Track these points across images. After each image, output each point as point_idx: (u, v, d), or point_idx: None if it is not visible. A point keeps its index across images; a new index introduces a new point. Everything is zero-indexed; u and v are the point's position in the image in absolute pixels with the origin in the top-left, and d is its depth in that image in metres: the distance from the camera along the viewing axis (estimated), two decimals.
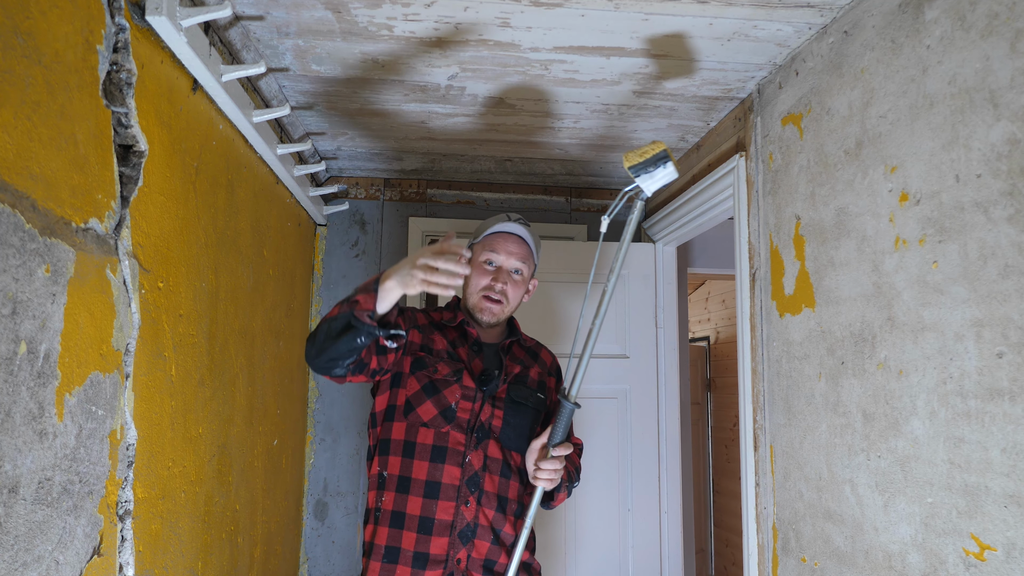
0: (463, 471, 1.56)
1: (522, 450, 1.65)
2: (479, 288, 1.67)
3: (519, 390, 1.66)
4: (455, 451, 1.56)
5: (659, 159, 1.46)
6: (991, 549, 1.11)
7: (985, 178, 1.14)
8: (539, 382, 1.73)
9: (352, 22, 1.64)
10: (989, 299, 1.12)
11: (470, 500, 1.55)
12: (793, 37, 1.68)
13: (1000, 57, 1.12)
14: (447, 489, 1.54)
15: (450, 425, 1.57)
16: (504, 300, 1.67)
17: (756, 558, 1.88)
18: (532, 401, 1.67)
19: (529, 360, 1.75)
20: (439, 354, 1.63)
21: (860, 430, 1.44)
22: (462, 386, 1.60)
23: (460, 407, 1.59)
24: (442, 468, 1.55)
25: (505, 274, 1.67)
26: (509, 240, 1.69)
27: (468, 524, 1.55)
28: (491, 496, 1.58)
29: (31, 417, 0.99)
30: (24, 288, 0.97)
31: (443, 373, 1.60)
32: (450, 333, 1.68)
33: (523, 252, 1.69)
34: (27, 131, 0.99)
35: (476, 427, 1.59)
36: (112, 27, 1.22)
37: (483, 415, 1.60)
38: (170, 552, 1.46)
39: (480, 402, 1.60)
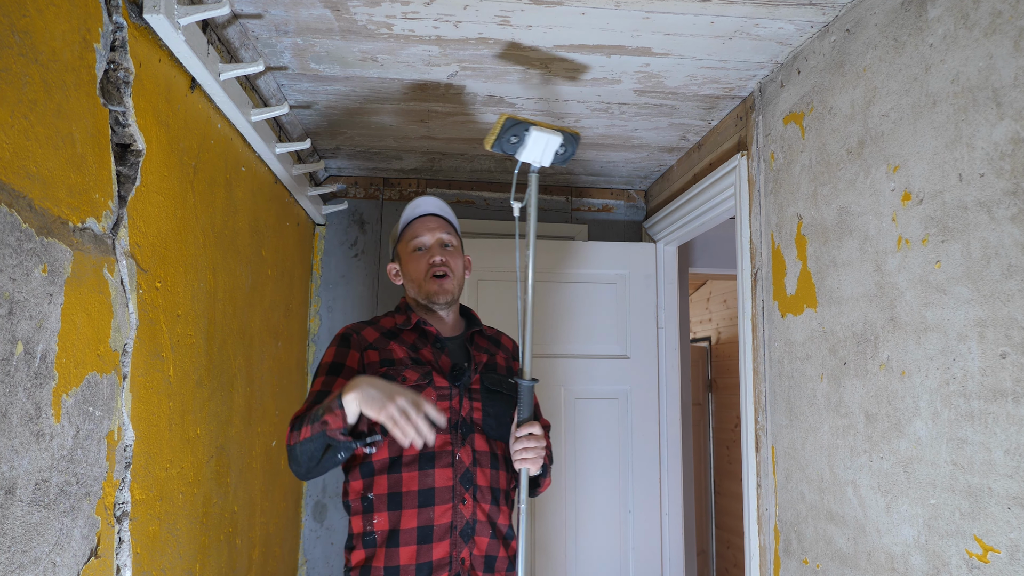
0: (455, 470, 1.54)
1: (506, 438, 1.64)
2: (421, 273, 1.66)
3: (492, 378, 1.65)
4: (443, 452, 1.54)
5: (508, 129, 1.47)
6: (994, 551, 1.10)
7: (988, 177, 1.13)
8: (507, 368, 1.72)
9: (351, 20, 1.63)
10: (992, 299, 1.12)
11: (466, 497, 1.54)
12: (795, 35, 1.67)
13: (1003, 55, 1.11)
14: (442, 492, 1.53)
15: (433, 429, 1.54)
16: (449, 272, 1.66)
17: (758, 560, 1.88)
18: (506, 387, 1.66)
19: (493, 348, 1.74)
20: (402, 363, 1.59)
21: (862, 431, 1.43)
22: (435, 387, 1.58)
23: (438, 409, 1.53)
24: (433, 473, 1.53)
25: (437, 248, 1.67)
26: (426, 220, 1.70)
27: (468, 521, 1.54)
28: (485, 490, 1.57)
29: (28, 418, 0.98)
30: (21, 288, 0.96)
31: (412, 379, 1.56)
32: (408, 337, 1.65)
33: (443, 224, 1.70)
34: (24, 130, 0.98)
35: (459, 424, 1.57)
36: (110, 25, 1.21)
37: (463, 410, 1.59)
38: (168, 554, 1.45)
39: (457, 398, 1.59)
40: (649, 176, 2.91)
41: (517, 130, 1.47)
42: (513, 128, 1.47)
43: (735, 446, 4.98)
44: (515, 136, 1.48)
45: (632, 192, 3.09)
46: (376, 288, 2.88)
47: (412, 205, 1.71)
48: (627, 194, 3.09)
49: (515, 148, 1.50)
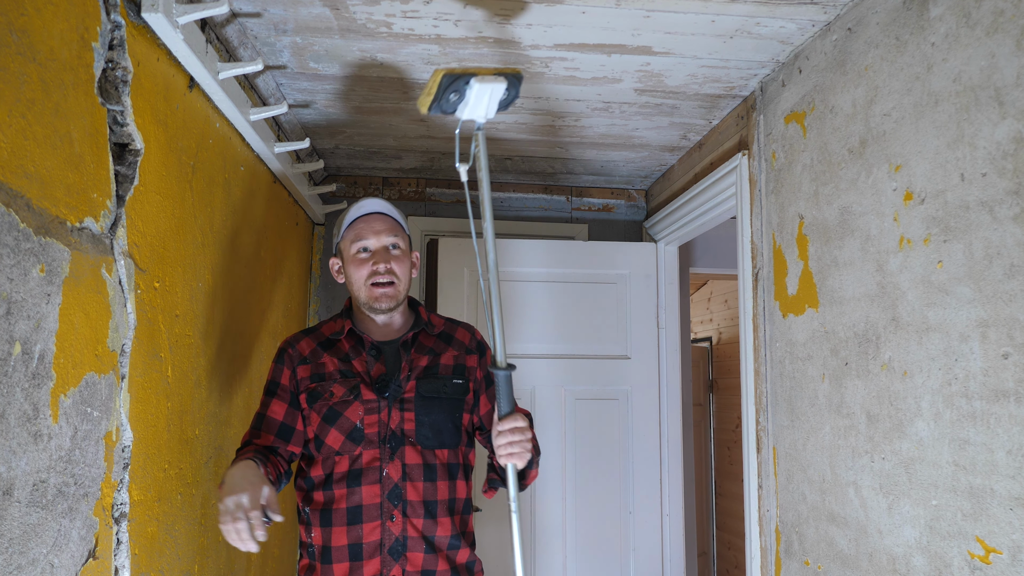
0: (382, 486, 1.49)
1: (448, 444, 1.56)
2: (363, 279, 1.57)
3: (429, 384, 1.57)
4: (371, 469, 1.50)
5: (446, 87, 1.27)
6: (996, 552, 1.09)
7: (990, 177, 1.13)
8: (455, 366, 1.62)
9: (350, 19, 1.63)
10: (995, 299, 1.11)
11: (395, 514, 1.49)
12: (796, 34, 1.67)
13: (1006, 54, 1.11)
14: (369, 509, 1.48)
15: (361, 445, 1.50)
16: (395, 279, 1.57)
17: (759, 561, 1.87)
18: (447, 391, 1.57)
19: (441, 346, 1.64)
20: (331, 377, 1.55)
21: (864, 432, 1.42)
22: (362, 401, 1.52)
23: (366, 423, 1.51)
24: (360, 491, 1.49)
25: (383, 253, 1.57)
26: (372, 220, 1.59)
27: (397, 539, 1.49)
28: (416, 505, 1.51)
29: (26, 418, 0.98)
30: (19, 288, 0.96)
31: (339, 395, 1.52)
32: (344, 346, 1.59)
33: (390, 226, 1.60)
34: (22, 129, 0.98)
35: (388, 437, 1.52)
36: (108, 24, 1.20)
37: (392, 423, 1.52)
38: (166, 555, 1.44)
39: (387, 410, 1.52)
40: (650, 176, 2.90)
41: (457, 85, 1.27)
42: (452, 84, 1.27)
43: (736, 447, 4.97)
44: (455, 93, 1.28)
45: (633, 192, 3.09)
46: None
47: (357, 205, 1.62)
48: (628, 194, 3.08)
49: (455, 106, 1.30)
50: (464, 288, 2.76)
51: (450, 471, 1.57)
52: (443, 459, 1.56)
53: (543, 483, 2.68)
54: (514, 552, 1.46)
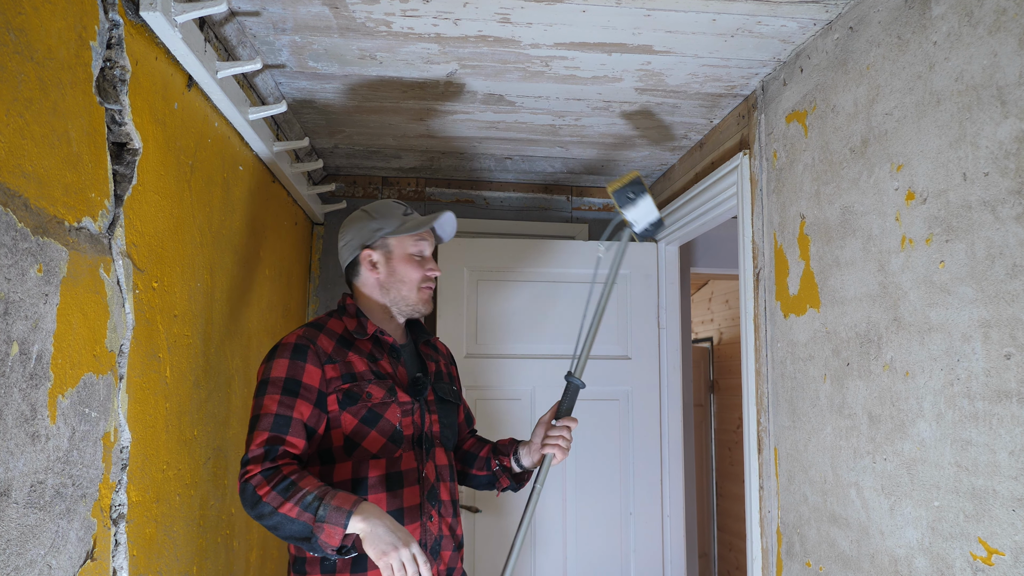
0: (421, 487, 1.49)
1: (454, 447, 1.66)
2: (417, 281, 1.56)
3: (442, 388, 1.62)
4: (410, 471, 1.49)
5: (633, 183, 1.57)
6: (999, 554, 1.09)
7: (993, 176, 1.12)
8: (447, 374, 1.69)
9: (350, 18, 1.62)
10: (997, 299, 1.10)
11: (433, 514, 1.49)
12: (798, 33, 1.66)
13: (1008, 54, 1.10)
14: (410, 512, 1.46)
15: (401, 447, 1.48)
16: None
17: (760, 562, 1.87)
18: (454, 395, 1.64)
19: (436, 354, 1.70)
20: (363, 376, 1.48)
21: (866, 432, 1.42)
22: (399, 403, 1.50)
23: (403, 425, 1.50)
24: (401, 493, 1.47)
25: (432, 262, 1.62)
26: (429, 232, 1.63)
27: (436, 538, 1.49)
28: (447, 504, 1.54)
29: (23, 419, 0.97)
30: (16, 288, 0.95)
31: (378, 396, 1.47)
32: (364, 346, 1.54)
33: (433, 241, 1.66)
34: (19, 128, 0.97)
35: (422, 439, 1.52)
36: (106, 23, 1.20)
37: (425, 425, 1.54)
38: (164, 556, 1.44)
39: (419, 412, 1.53)
40: (650, 175, 2.90)
41: (637, 189, 1.56)
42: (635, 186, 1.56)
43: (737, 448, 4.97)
44: (633, 194, 1.56)
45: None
46: None
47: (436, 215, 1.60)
48: None
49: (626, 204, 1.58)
50: (464, 287, 2.75)
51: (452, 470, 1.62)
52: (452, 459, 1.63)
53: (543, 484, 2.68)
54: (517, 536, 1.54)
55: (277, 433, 1.37)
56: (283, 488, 1.29)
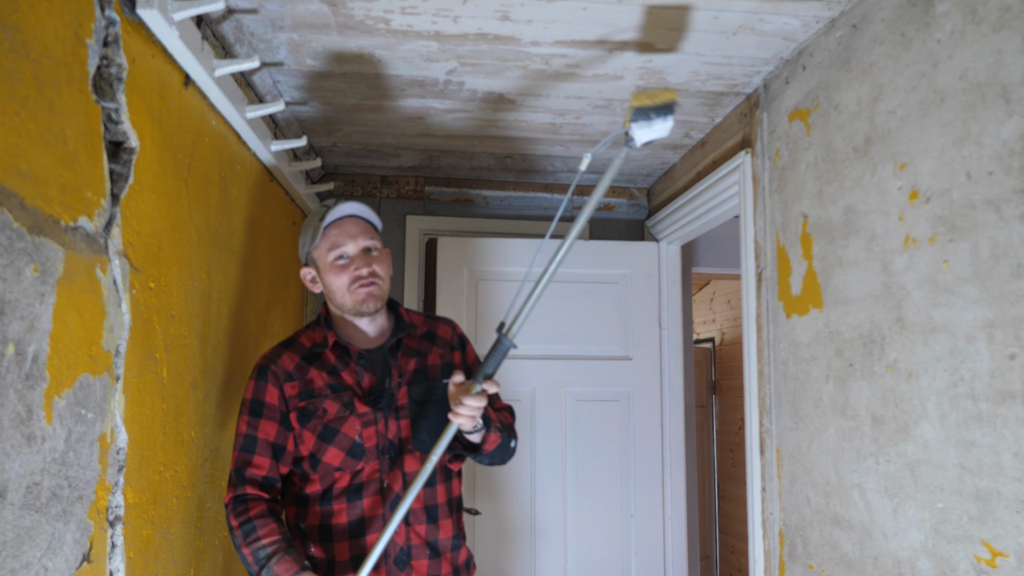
0: (384, 497, 1.48)
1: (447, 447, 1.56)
2: (346, 285, 1.52)
3: (419, 388, 1.54)
4: (372, 481, 1.48)
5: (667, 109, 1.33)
6: (1003, 556, 1.08)
7: (997, 175, 1.11)
8: (443, 365, 1.59)
9: (348, 16, 1.61)
10: (1001, 299, 1.10)
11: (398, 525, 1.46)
12: (800, 31, 1.65)
13: (1012, 51, 1.09)
14: (371, 522, 1.46)
15: (362, 460, 1.48)
16: (378, 279, 1.53)
17: (762, 565, 1.86)
18: (438, 392, 1.54)
19: (426, 346, 1.61)
20: (321, 392, 1.50)
21: (869, 434, 1.41)
22: (358, 415, 1.49)
23: (364, 437, 1.49)
24: (361, 504, 1.47)
25: (362, 257, 1.53)
26: (345, 224, 1.55)
27: (401, 549, 1.47)
28: (419, 512, 1.49)
29: (19, 420, 0.96)
30: (11, 288, 0.94)
31: (333, 412, 1.49)
32: (330, 357, 1.54)
33: (364, 228, 1.56)
34: (15, 127, 0.96)
35: (386, 448, 1.49)
36: (102, 21, 1.19)
37: (390, 433, 1.50)
38: (162, 559, 1.43)
39: (383, 421, 1.50)
40: (651, 174, 2.89)
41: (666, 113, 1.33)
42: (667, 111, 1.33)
43: (739, 449, 4.96)
44: (656, 114, 1.33)
45: (634, 190, 3.07)
46: None
47: (330, 211, 1.55)
48: (629, 192, 3.07)
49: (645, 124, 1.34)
50: (463, 288, 2.74)
51: (446, 472, 1.56)
52: (441, 461, 1.53)
53: (543, 484, 2.67)
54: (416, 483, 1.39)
55: (245, 454, 1.49)
56: (245, 531, 1.42)
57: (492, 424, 1.48)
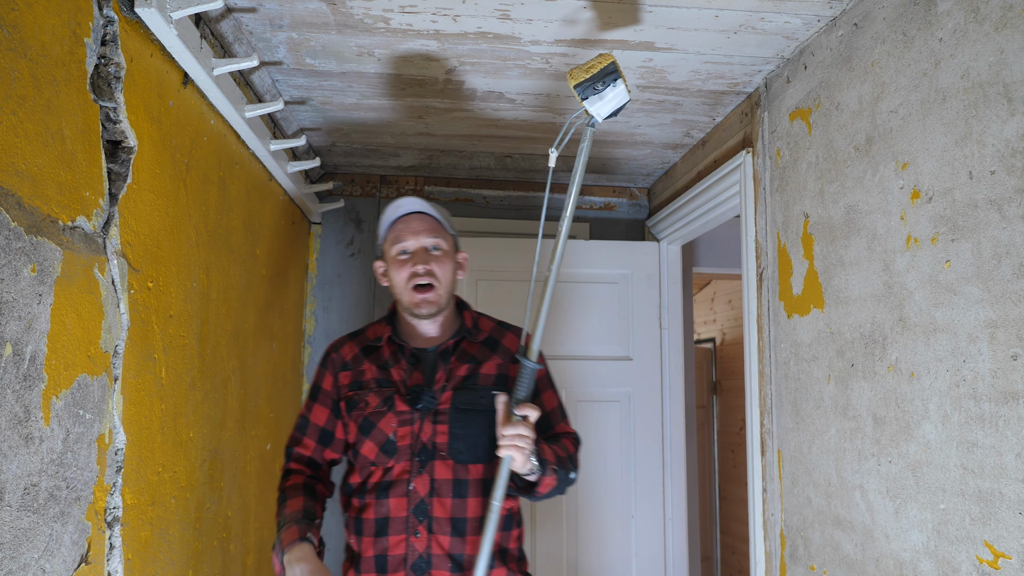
0: (408, 500, 1.46)
1: (484, 459, 1.50)
2: (404, 281, 1.52)
3: (466, 395, 1.51)
4: (399, 481, 1.47)
5: (607, 74, 1.28)
6: (1005, 557, 1.07)
7: (999, 175, 1.11)
8: (498, 376, 1.55)
9: (347, 14, 1.61)
10: (1003, 299, 1.09)
11: (419, 530, 1.45)
12: (801, 30, 1.65)
13: (1015, 50, 1.09)
14: (395, 523, 1.46)
15: (394, 458, 1.48)
16: (435, 281, 1.52)
17: (763, 566, 1.85)
18: (484, 403, 1.50)
19: (485, 354, 1.58)
20: (368, 385, 1.53)
21: (870, 434, 1.40)
22: (396, 412, 1.49)
23: (399, 435, 1.48)
24: (387, 503, 1.47)
25: (422, 254, 1.53)
26: (410, 220, 1.56)
27: (420, 555, 1.45)
28: (443, 522, 1.46)
29: (16, 421, 0.96)
30: (9, 288, 0.94)
31: (373, 405, 1.51)
32: (385, 351, 1.56)
33: (430, 226, 1.55)
34: (12, 126, 0.96)
35: (418, 451, 1.48)
36: (100, 19, 1.19)
37: (424, 436, 1.48)
38: (160, 560, 1.42)
39: (419, 423, 1.49)
40: (652, 173, 2.88)
41: (611, 79, 1.28)
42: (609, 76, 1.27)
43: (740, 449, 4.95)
44: (602, 84, 1.28)
45: (635, 190, 3.07)
46: (373, 288, 2.86)
47: (394, 205, 1.57)
48: (629, 192, 3.06)
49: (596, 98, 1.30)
50: (463, 287, 2.74)
51: (485, 487, 1.50)
52: (478, 475, 1.50)
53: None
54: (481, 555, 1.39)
55: (297, 433, 1.61)
56: (279, 500, 1.55)
57: (548, 466, 1.43)
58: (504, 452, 1.36)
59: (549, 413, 1.61)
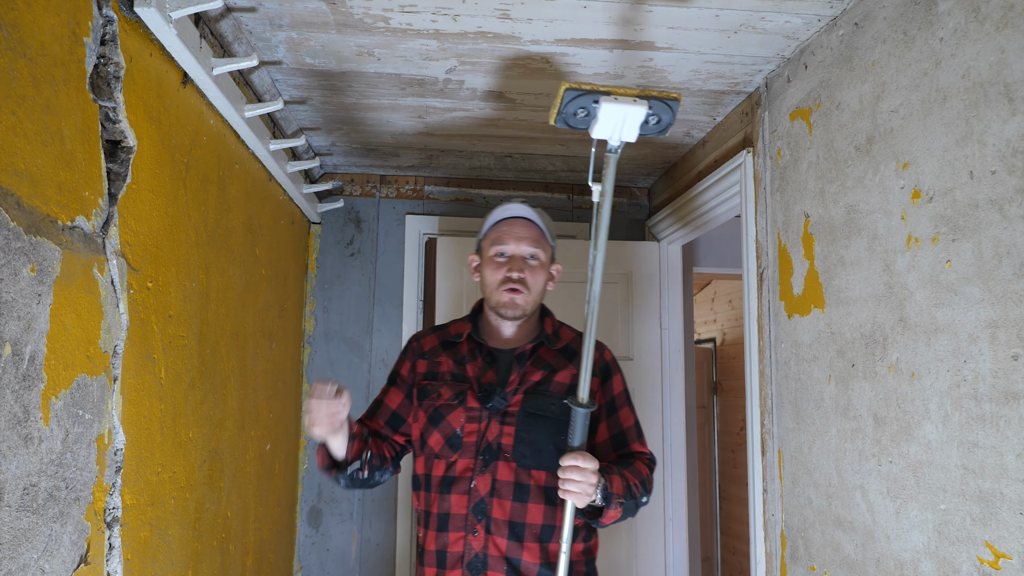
0: (469, 498, 1.47)
1: (548, 467, 1.48)
2: (496, 283, 1.55)
3: (537, 401, 1.51)
4: (462, 478, 1.48)
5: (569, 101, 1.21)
6: (1006, 557, 1.07)
7: (1000, 175, 1.10)
8: (571, 386, 1.54)
9: (347, 14, 1.60)
10: (1004, 299, 1.09)
11: (477, 529, 1.45)
12: (802, 29, 1.64)
13: (1016, 50, 1.08)
14: (455, 519, 1.47)
15: (458, 452, 1.49)
16: (525, 289, 1.54)
17: (764, 566, 1.85)
18: (553, 411, 1.50)
19: (561, 362, 1.58)
20: (442, 377, 1.56)
21: (871, 434, 1.40)
22: (466, 408, 1.50)
23: (466, 431, 1.49)
24: (449, 498, 1.47)
25: (519, 261, 1.55)
26: (515, 225, 1.57)
27: (477, 555, 1.45)
28: (501, 524, 1.45)
29: (16, 421, 0.96)
30: (8, 288, 0.94)
31: (445, 397, 1.53)
32: (462, 348, 1.60)
33: (533, 235, 1.57)
34: (12, 126, 0.95)
35: (483, 449, 1.48)
36: (99, 19, 1.18)
37: (490, 435, 1.48)
38: (159, 560, 1.42)
39: (487, 421, 1.49)
40: (652, 173, 2.88)
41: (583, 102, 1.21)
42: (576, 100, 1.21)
43: (741, 450, 4.95)
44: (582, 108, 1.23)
45: (635, 190, 3.06)
46: (373, 288, 2.85)
47: (504, 207, 1.60)
48: (630, 192, 3.06)
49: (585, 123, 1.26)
50: (463, 288, 2.73)
51: (548, 495, 1.48)
52: (540, 481, 1.48)
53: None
54: None
55: (370, 410, 1.64)
56: None
57: (614, 500, 1.40)
58: (563, 495, 1.36)
59: (625, 431, 1.59)
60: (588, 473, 1.34)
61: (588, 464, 1.35)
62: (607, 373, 1.61)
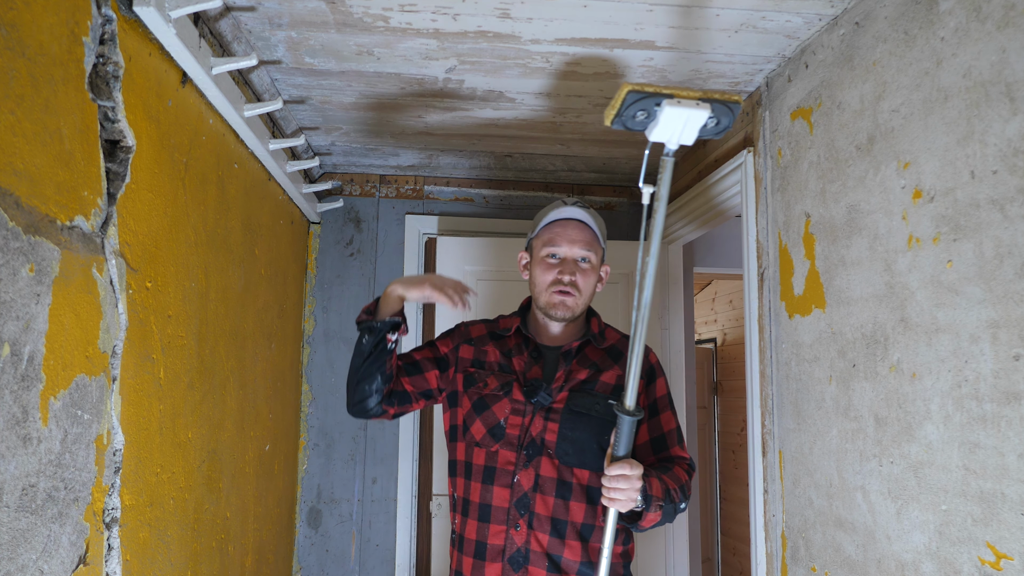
0: (512, 492, 1.47)
1: (591, 466, 1.49)
2: (546, 284, 1.56)
3: (582, 399, 1.51)
4: (504, 471, 1.48)
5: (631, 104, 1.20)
6: (1007, 558, 1.07)
7: (1001, 174, 1.10)
8: (616, 387, 1.55)
9: (347, 13, 1.60)
10: (1006, 299, 1.09)
11: (520, 523, 1.46)
12: (803, 28, 1.64)
13: (1017, 49, 1.08)
14: (497, 512, 1.47)
15: (499, 443, 1.49)
16: (576, 292, 1.54)
17: (764, 567, 1.85)
18: (597, 410, 1.50)
19: (606, 362, 1.58)
20: (490, 367, 1.57)
21: (872, 435, 1.40)
22: (511, 400, 1.51)
23: (509, 423, 1.50)
24: (492, 490, 1.48)
25: (571, 264, 1.55)
26: (569, 227, 1.57)
27: (519, 549, 1.45)
28: (544, 519, 1.46)
29: (14, 421, 0.95)
30: (7, 288, 0.93)
31: (492, 387, 1.53)
32: (509, 341, 1.61)
33: (587, 238, 1.57)
34: (11, 126, 0.95)
35: (527, 444, 1.48)
36: (98, 18, 1.18)
37: (534, 429, 1.49)
38: (158, 561, 1.42)
39: (531, 416, 1.50)
40: (652, 172, 2.87)
41: (644, 104, 1.18)
42: (639, 103, 1.18)
43: (741, 450, 4.94)
44: (642, 111, 1.20)
45: (636, 189, 3.06)
46: (373, 288, 2.85)
47: (558, 209, 1.60)
48: (631, 191, 3.06)
49: (644, 125, 1.23)
50: None
51: (590, 495, 1.49)
52: (583, 480, 1.49)
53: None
54: None
55: None
56: None
57: (653, 503, 1.40)
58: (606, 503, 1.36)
59: (666, 435, 1.59)
60: (634, 480, 1.34)
61: (635, 471, 1.34)
62: (651, 376, 1.62)
